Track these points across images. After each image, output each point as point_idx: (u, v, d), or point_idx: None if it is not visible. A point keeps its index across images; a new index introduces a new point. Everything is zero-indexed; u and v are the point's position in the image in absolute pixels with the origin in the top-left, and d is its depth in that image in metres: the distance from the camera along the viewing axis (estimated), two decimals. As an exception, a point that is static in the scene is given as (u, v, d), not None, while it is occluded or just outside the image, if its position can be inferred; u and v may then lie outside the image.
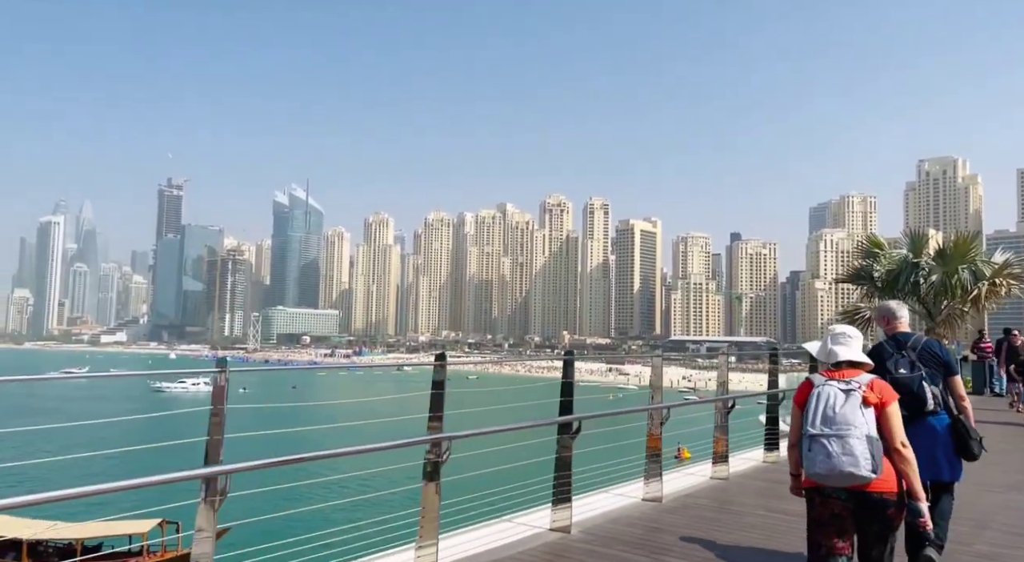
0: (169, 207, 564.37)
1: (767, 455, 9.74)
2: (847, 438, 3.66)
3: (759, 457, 9.81)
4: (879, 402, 3.80)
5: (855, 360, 4.02)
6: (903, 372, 5.08)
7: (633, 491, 7.36)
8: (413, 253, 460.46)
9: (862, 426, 3.70)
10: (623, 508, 6.90)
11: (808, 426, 3.82)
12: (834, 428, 3.71)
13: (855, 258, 21.08)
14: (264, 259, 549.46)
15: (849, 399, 3.77)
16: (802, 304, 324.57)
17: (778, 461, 9.57)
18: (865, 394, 3.78)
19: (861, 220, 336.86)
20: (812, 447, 3.77)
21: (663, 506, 7.07)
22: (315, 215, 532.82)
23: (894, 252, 19.67)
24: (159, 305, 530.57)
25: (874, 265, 19.04)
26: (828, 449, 3.68)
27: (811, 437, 3.78)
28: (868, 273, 19.14)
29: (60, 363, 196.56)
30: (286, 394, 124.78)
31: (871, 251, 19.42)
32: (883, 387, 3.90)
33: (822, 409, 3.78)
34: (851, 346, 4.07)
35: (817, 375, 4.02)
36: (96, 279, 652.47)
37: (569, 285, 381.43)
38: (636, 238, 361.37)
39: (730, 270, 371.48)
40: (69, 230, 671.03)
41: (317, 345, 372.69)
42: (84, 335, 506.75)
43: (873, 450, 3.67)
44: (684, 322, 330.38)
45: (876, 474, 3.65)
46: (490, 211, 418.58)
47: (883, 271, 18.97)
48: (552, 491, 6.05)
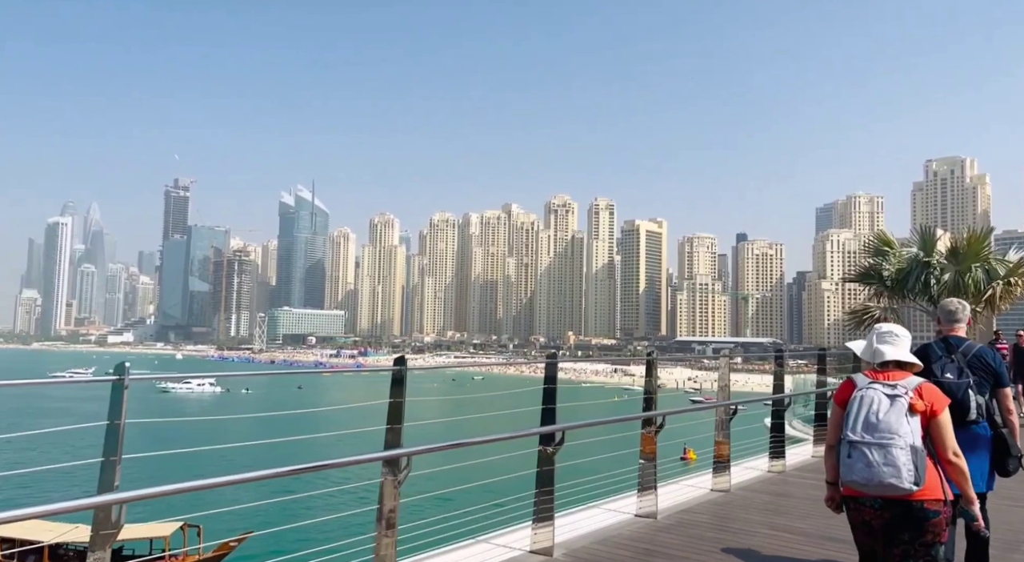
0: (176, 208, 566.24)
1: (772, 464, 9.12)
2: (889, 447, 3.44)
3: (764, 466, 9.20)
4: (928, 410, 3.56)
5: (903, 361, 3.77)
6: (949, 377, 4.76)
7: (626, 506, 6.76)
8: (418, 254, 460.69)
9: (907, 435, 3.47)
10: (613, 526, 6.31)
11: (848, 431, 3.59)
12: (876, 436, 3.49)
13: (864, 257, 20.42)
14: (270, 260, 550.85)
15: (894, 405, 3.54)
16: (808, 305, 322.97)
17: (784, 471, 8.98)
18: (912, 401, 3.55)
19: (868, 220, 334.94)
20: (852, 453, 3.55)
21: (658, 523, 6.49)
22: (321, 216, 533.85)
23: (904, 250, 19.08)
24: (166, 306, 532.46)
25: (883, 264, 18.41)
26: (868, 457, 3.46)
27: (851, 443, 3.56)
28: (877, 272, 18.51)
29: (67, 363, 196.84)
30: (291, 395, 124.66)
31: (880, 249, 18.78)
32: (933, 393, 3.65)
33: (864, 414, 3.56)
34: (899, 345, 3.82)
35: (860, 375, 3.77)
36: (103, 280, 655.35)
37: (574, 286, 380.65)
38: (642, 239, 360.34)
39: (736, 271, 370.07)
40: (77, 231, 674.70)
41: (323, 345, 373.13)
42: (91, 335, 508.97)
43: (916, 461, 3.44)
44: (690, 323, 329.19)
45: (918, 486, 3.42)
46: (495, 212, 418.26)
47: (893, 270, 18.36)
48: (533, 508, 5.50)
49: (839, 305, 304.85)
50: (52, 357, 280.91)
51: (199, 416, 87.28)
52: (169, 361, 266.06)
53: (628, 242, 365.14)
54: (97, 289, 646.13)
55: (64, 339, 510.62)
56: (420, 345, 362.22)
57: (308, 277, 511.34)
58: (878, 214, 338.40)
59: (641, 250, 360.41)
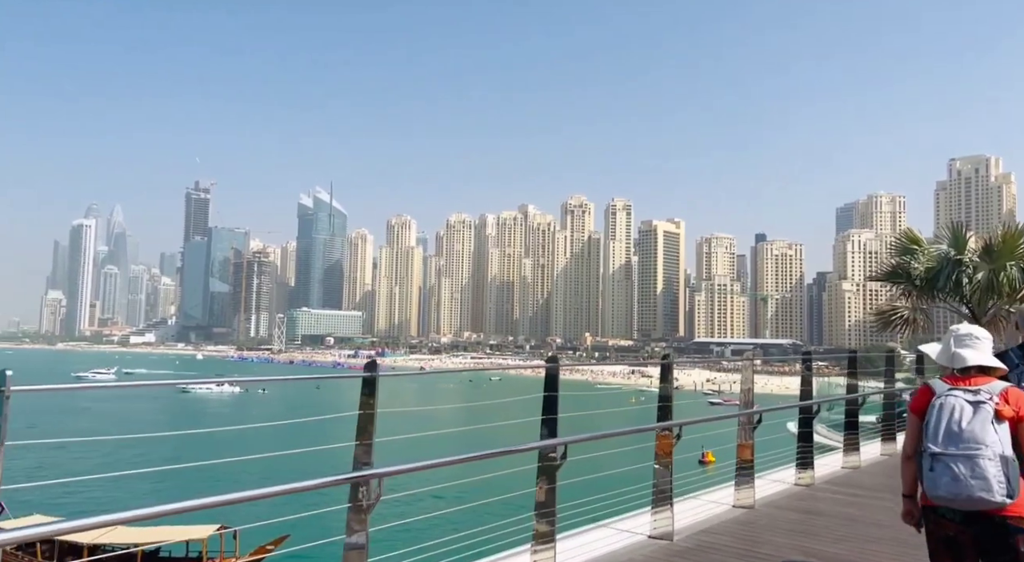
0: (197, 210, 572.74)
1: (800, 475, 8.44)
2: (977, 459, 3.14)
3: (790, 478, 8.51)
4: (1016, 416, 3.26)
5: (986, 365, 3.47)
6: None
7: (639, 525, 6.11)
8: (435, 255, 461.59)
9: (994, 444, 3.16)
10: (623, 550, 5.66)
11: (929, 443, 3.29)
12: (961, 447, 3.18)
13: (890, 255, 19.63)
14: (289, 261, 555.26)
15: (978, 412, 3.23)
16: (829, 306, 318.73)
17: (813, 484, 8.29)
18: (998, 407, 3.25)
19: (890, 220, 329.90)
20: (935, 467, 3.25)
21: (674, 547, 5.83)
22: (339, 217, 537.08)
23: (933, 248, 18.33)
24: (186, 306, 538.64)
25: (911, 262, 17.63)
26: (954, 471, 3.16)
27: (933, 456, 3.26)
28: (905, 271, 17.73)
29: (90, 363, 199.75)
30: (310, 394, 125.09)
31: (908, 247, 17.99)
32: (1020, 397, 3.33)
33: (945, 423, 3.26)
34: (980, 349, 3.52)
35: (938, 381, 3.46)
36: (126, 281, 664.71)
37: (591, 286, 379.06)
38: (659, 239, 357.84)
39: (755, 271, 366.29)
40: (100, 233, 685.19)
41: (341, 346, 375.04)
42: (114, 336, 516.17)
43: (1008, 472, 3.13)
44: (708, 324, 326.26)
45: (1011, 499, 3.12)
46: (511, 212, 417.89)
47: (922, 269, 17.58)
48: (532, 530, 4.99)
49: (860, 306, 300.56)
50: (77, 357, 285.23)
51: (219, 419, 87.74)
52: (190, 361, 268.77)
53: (645, 242, 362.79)
54: (120, 290, 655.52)
55: (88, 339, 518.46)
56: (437, 346, 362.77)
57: (326, 278, 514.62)
58: (900, 214, 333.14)
59: (659, 250, 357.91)
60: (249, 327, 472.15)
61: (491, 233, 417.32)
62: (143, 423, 77.13)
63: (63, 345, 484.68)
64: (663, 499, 6.03)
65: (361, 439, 4.02)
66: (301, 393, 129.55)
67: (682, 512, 6.38)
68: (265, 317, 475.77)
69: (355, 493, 3.77)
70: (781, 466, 9.00)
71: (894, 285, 18.54)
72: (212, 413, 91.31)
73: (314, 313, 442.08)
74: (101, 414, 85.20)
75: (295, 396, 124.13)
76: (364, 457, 3.97)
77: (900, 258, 18.05)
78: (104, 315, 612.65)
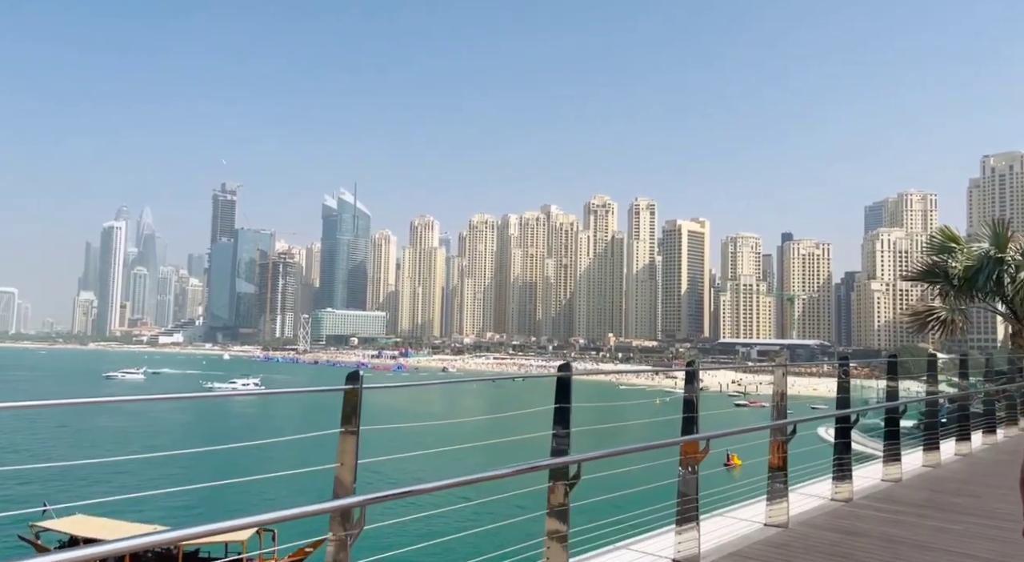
0: (223, 212, 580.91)
1: (837, 488, 7.79)
2: None
3: (826, 491, 7.88)
4: None
5: None
6: None
7: (663, 547, 5.56)
8: (458, 255, 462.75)
9: None
10: None
11: None
12: None
13: (925, 253, 18.74)
14: (314, 262, 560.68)
15: None
16: (857, 306, 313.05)
17: (852, 499, 7.67)
18: None
19: (921, 218, 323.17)
20: None
21: None
22: (362, 218, 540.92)
23: (973, 246, 17.46)
24: (214, 307, 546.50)
25: (949, 261, 16.78)
26: None
27: None
28: (942, 270, 16.89)
29: (121, 363, 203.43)
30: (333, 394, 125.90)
31: (945, 246, 17.12)
32: None
33: None
34: None
35: None
36: (155, 282, 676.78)
37: (614, 287, 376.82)
38: (683, 239, 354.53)
39: (781, 271, 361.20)
40: (130, 234, 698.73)
41: (365, 346, 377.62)
42: (143, 336, 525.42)
43: None
44: (734, 324, 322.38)
45: None
46: (534, 213, 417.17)
47: (960, 268, 16.73)
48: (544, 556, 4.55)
49: (890, 306, 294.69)
50: (108, 357, 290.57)
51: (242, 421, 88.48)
52: (217, 361, 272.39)
53: (669, 242, 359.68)
54: (149, 291, 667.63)
55: (118, 340, 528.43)
56: (459, 346, 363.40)
57: (350, 279, 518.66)
58: (932, 212, 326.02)
59: (683, 250, 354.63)
60: (275, 327, 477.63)
61: (514, 233, 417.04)
62: (170, 423, 78.07)
63: (94, 345, 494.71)
64: (689, 517, 5.48)
65: (343, 460, 3.53)
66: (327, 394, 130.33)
67: (709, 531, 5.84)
68: (290, 317, 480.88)
69: (335, 523, 3.28)
70: (816, 478, 8.36)
71: (930, 285, 17.65)
72: (236, 413, 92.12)
73: (338, 313, 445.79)
74: (128, 413, 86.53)
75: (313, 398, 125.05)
76: (346, 481, 3.46)
77: (936, 257, 17.17)
78: (134, 315, 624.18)
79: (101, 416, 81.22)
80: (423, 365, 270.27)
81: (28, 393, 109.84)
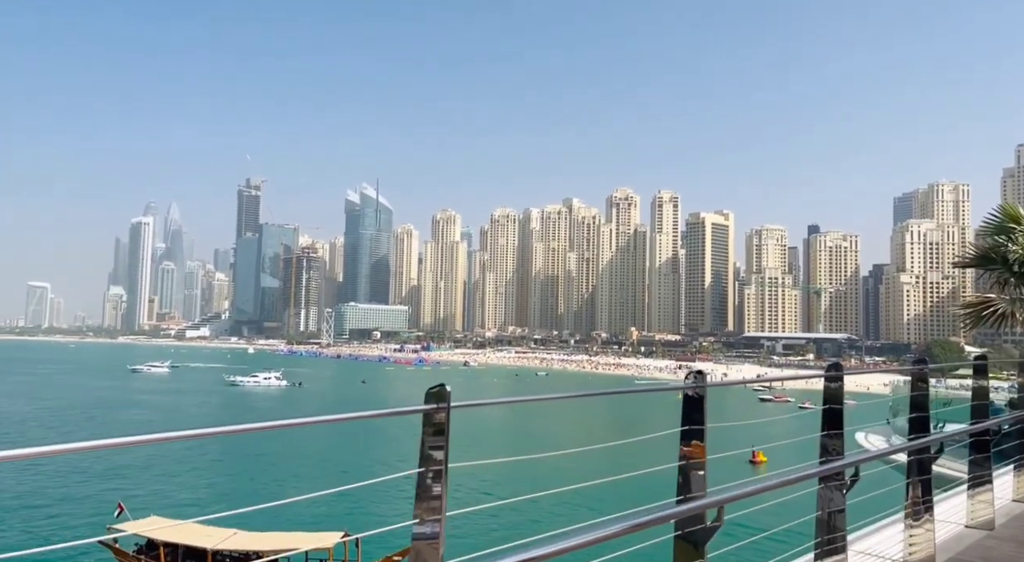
0: (248, 207, 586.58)
1: (913, 540, 5.18)
2: None
3: (895, 542, 5.41)
4: None
5: None
6: None
7: None
8: (480, 249, 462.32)
9: None
10: None
11: None
12: None
13: (981, 235, 16.75)
14: (337, 256, 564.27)
15: None
16: (886, 299, 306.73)
17: (934, 556, 5.18)
18: None
19: (952, 210, 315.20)
20: None
21: None
22: (385, 213, 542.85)
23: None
24: (239, 301, 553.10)
25: (1008, 245, 14.95)
26: None
27: None
28: (1001, 255, 15.05)
29: (148, 357, 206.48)
30: (355, 388, 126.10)
31: (1005, 226, 15.12)
32: None
33: None
34: None
35: None
36: (182, 276, 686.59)
37: (637, 280, 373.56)
38: (707, 231, 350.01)
39: (808, 264, 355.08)
40: (158, 230, 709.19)
41: (387, 340, 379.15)
42: (171, 330, 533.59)
43: None
44: (759, 318, 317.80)
45: None
46: (556, 206, 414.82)
47: (1021, 252, 15.02)
48: None
49: (920, 299, 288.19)
50: (136, 351, 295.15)
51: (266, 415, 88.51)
52: (242, 355, 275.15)
53: (693, 235, 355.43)
54: (176, 286, 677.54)
55: (147, 333, 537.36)
56: (482, 340, 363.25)
57: (373, 273, 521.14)
58: (964, 202, 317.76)
59: (707, 243, 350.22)
60: (299, 321, 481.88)
61: (535, 227, 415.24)
62: (195, 417, 78.38)
63: (123, 339, 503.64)
64: (834, 548, 4.12)
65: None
66: (350, 387, 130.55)
67: None
68: (314, 311, 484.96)
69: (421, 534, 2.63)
70: (878, 516, 6.02)
71: (986, 273, 15.90)
72: (261, 407, 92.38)
73: (361, 308, 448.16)
74: (154, 406, 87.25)
75: (344, 389, 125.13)
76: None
77: (995, 239, 15.24)
78: (162, 310, 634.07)
79: (123, 409, 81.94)
80: (444, 359, 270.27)
81: (58, 386, 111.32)
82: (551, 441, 63.49)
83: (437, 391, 2.61)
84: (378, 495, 34.97)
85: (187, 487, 40.52)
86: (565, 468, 42.19)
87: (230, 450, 51.72)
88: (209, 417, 78.50)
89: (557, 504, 32.27)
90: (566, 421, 79.41)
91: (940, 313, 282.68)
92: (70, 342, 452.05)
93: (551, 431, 71.57)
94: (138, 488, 39.12)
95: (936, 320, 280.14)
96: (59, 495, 37.37)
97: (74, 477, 41.51)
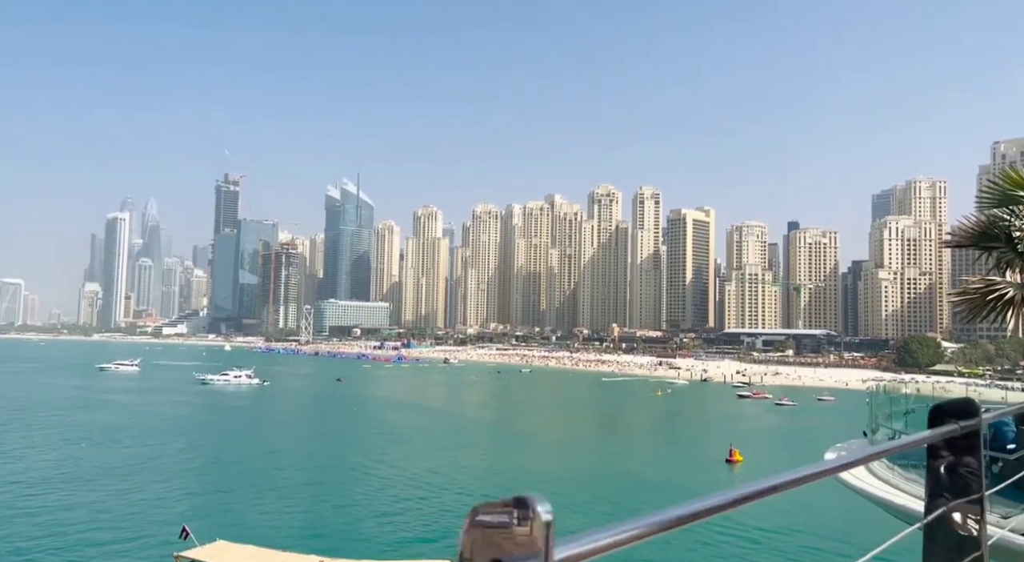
0: (226, 203, 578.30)
1: None
2: None
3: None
4: None
5: None
6: None
7: None
8: (461, 246, 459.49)
9: None
10: None
11: None
12: None
13: (979, 208, 14.14)
14: (317, 253, 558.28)
15: None
16: (865, 295, 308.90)
17: None
18: None
19: (930, 206, 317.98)
20: None
21: None
22: (366, 209, 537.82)
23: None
24: (217, 298, 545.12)
25: (1013, 220, 12.47)
26: None
27: None
28: (1004, 231, 12.58)
29: (123, 354, 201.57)
30: (330, 386, 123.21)
31: (1009, 195, 12.44)
32: None
33: None
34: None
35: None
36: (160, 273, 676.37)
37: (619, 277, 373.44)
38: (688, 228, 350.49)
39: (787, 260, 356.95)
40: (135, 226, 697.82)
41: (368, 337, 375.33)
42: (148, 327, 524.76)
43: None
44: (739, 314, 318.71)
45: None
46: (538, 203, 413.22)
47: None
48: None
49: (898, 295, 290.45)
50: (110, 349, 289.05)
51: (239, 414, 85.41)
52: (218, 352, 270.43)
53: (674, 232, 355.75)
54: (154, 282, 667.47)
55: (123, 331, 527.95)
56: (463, 337, 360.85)
57: (354, 269, 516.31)
58: (941, 199, 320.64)
59: (688, 240, 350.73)
60: (278, 318, 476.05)
61: (517, 223, 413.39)
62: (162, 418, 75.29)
63: (98, 336, 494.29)
64: None
65: None
66: (324, 385, 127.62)
67: None
68: (294, 308, 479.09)
69: None
70: None
71: (985, 252, 13.46)
72: (230, 406, 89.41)
73: (342, 304, 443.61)
74: (119, 406, 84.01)
75: (319, 388, 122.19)
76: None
77: (992, 213, 12.72)
78: (139, 307, 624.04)
79: (85, 411, 78.70)
80: (424, 356, 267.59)
81: (18, 386, 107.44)
82: (537, 438, 61.58)
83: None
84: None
85: (252, 509, 36.75)
86: (551, 463, 40.02)
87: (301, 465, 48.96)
88: (175, 418, 75.51)
89: (558, 507, 30.45)
90: (548, 418, 77.45)
91: (918, 309, 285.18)
92: (40, 339, 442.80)
93: (535, 431, 69.61)
94: (200, 510, 35.67)
95: (914, 316, 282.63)
96: (119, 518, 34.37)
97: (131, 496, 38.61)
